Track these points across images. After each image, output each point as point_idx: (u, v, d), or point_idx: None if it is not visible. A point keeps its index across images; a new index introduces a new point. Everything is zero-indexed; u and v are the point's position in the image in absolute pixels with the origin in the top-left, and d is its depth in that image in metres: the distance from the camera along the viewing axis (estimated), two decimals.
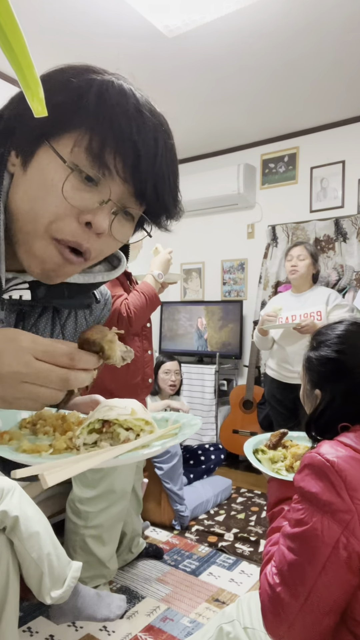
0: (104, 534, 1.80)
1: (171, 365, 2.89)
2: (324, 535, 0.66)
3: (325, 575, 0.66)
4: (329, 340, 0.89)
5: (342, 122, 3.43)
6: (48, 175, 0.51)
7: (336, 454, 0.70)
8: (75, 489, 1.80)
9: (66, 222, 0.51)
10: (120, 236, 0.56)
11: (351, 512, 0.65)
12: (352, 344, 0.87)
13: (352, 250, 3.32)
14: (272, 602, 0.70)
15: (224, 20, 2.31)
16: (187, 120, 3.48)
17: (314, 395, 0.89)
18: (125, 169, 0.51)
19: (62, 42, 2.50)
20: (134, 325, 1.69)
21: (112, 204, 0.53)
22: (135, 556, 2.11)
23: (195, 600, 1.88)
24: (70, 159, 0.50)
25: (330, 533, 0.66)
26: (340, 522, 0.65)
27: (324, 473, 0.69)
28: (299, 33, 2.42)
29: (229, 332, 3.80)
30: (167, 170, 0.56)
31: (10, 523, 1.42)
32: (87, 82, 0.51)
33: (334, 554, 0.65)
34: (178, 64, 2.71)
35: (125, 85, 0.54)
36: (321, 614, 0.67)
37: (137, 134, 0.51)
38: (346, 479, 0.67)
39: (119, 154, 0.51)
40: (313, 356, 0.91)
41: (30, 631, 1.66)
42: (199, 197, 3.85)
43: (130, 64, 2.71)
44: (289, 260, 2.80)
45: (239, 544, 2.34)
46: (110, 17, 2.29)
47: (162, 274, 1.84)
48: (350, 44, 2.51)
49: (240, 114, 3.36)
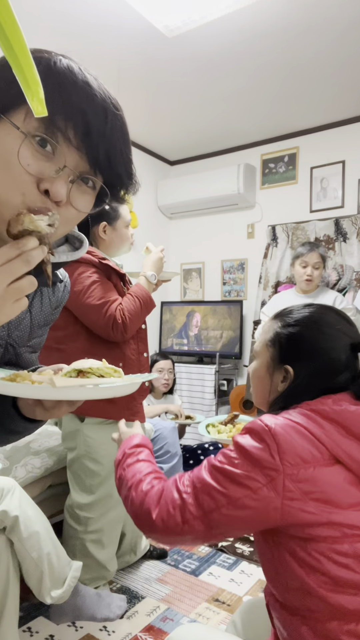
0: (103, 538, 1.78)
1: (164, 364, 2.92)
2: (249, 482, 0.75)
3: (233, 506, 0.75)
4: (305, 320, 0.94)
5: (342, 122, 3.43)
6: (7, 145, 0.53)
7: (275, 421, 0.79)
8: (74, 494, 1.79)
9: (28, 190, 0.53)
10: (80, 205, 0.58)
11: (279, 471, 0.74)
12: (327, 324, 0.93)
13: (352, 250, 3.33)
14: (173, 502, 0.80)
15: (224, 20, 2.31)
16: (187, 120, 3.48)
17: (282, 369, 0.93)
18: (77, 136, 0.54)
19: (62, 42, 2.50)
20: (129, 331, 1.65)
21: (69, 172, 0.55)
22: (138, 558, 2.10)
23: (195, 600, 1.88)
24: (24, 127, 0.52)
25: (254, 483, 0.75)
26: (267, 476, 0.75)
27: (261, 436, 0.78)
28: (299, 33, 2.42)
29: (229, 332, 3.80)
30: (118, 140, 0.58)
31: (10, 523, 1.42)
32: (36, 59, 0.54)
33: (250, 497, 0.74)
34: (178, 63, 2.71)
35: (73, 63, 0.57)
36: (210, 529, 0.78)
37: (86, 103, 0.54)
38: (279, 442, 0.76)
39: (70, 121, 0.53)
40: (287, 333, 0.95)
41: (30, 631, 1.66)
42: (199, 197, 3.85)
43: (130, 63, 2.71)
44: (303, 266, 2.77)
45: (239, 544, 2.34)
46: (110, 17, 2.29)
47: (155, 275, 1.79)
48: (350, 44, 2.51)
49: (240, 114, 3.36)
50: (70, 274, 1.63)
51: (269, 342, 0.98)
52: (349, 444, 0.77)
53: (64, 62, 0.55)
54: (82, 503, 1.76)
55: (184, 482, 0.83)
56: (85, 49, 2.56)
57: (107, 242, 1.83)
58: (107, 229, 1.80)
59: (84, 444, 1.73)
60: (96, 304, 1.61)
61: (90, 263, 1.66)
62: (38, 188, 0.53)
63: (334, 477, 0.76)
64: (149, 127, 3.59)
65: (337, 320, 0.95)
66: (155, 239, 4.18)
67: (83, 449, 1.74)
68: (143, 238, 3.57)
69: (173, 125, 3.57)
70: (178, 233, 4.36)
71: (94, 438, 1.72)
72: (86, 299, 1.61)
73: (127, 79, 2.87)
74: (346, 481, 0.76)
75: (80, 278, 1.63)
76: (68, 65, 0.55)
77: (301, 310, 0.98)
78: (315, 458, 0.76)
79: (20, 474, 1.85)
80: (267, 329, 1.00)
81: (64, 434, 1.81)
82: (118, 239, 1.83)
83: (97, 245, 1.83)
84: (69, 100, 0.54)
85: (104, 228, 1.80)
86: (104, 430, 1.72)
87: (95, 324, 1.63)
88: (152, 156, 4.10)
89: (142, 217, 3.91)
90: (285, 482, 0.74)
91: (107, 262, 1.70)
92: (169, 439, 2.52)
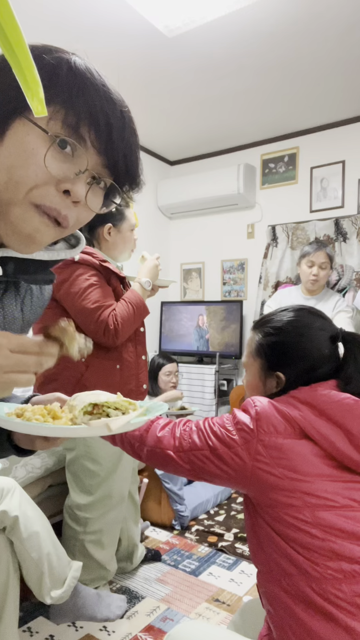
0: (103, 538, 1.78)
1: (171, 367, 2.93)
2: (229, 440, 0.90)
3: (213, 456, 0.91)
4: (283, 327, 1.02)
5: (342, 122, 3.43)
6: (28, 145, 0.53)
7: (261, 399, 0.94)
8: (73, 494, 1.78)
9: (46, 189, 0.54)
10: (93, 205, 0.60)
11: (253, 435, 0.88)
12: (305, 325, 1.01)
13: (352, 250, 3.33)
14: (174, 433, 0.98)
15: (224, 20, 2.31)
16: (187, 120, 3.48)
17: (274, 376, 1.00)
18: (99, 141, 0.56)
19: (62, 42, 2.47)
20: (120, 337, 1.64)
21: (88, 174, 0.56)
22: (134, 567, 2.08)
23: (195, 600, 1.88)
24: (48, 129, 0.53)
25: (233, 443, 0.89)
26: (243, 438, 0.89)
27: (247, 408, 0.93)
28: (299, 33, 2.42)
29: (229, 332, 3.80)
30: (134, 142, 0.60)
31: (10, 523, 1.42)
32: (57, 60, 0.55)
33: (227, 453, 0.89)
34: (178, 63, 2.71)
35: (87, 62, 0.58)
36: (188, 463, 0.94)
37: (108, 108, 0.56)
38: (258, 412, 0.90)
39: (93, 126, 0.55)
40: (270, 342, 1.02)
41: (30, 631, 1.66)
42: (199, 197, 3.85)
43: (130, 63, 2.71)
44: (309, 265, 2.72)
45: (239, 544, 2.34)
46: (110, 17, 2.29)
47: (150, 281, 1.78)
48: (350, 44, 2.51)
49: (240, 113, 3.36)
50: (69, 275, 1.63)
51: (254, 353, 1.05)
52: (321, 422, 0.87)
53: (81, 63, 0.56)
54: (81, 504, 1.76)
55: (187, 424, 0.99)
56: (85, 48, 2.55)
57: (111, 244, 1.82)
58: (112, 230, 1.80)
59: (84, 444, 1.73)
60: (90, 307, 1.60)
61: (91, 265, 1.66)
62: (56, 188, 0.54)
63: (302, 448, 0.86)
64: (149, 127, 3.59)
65: (313, 320, 1.02)
66: (155, 239, 4.18)
67: (82, 449, 1.73)
68: (143, 238, 3.57)
69: (173, 125, 3.57)
70: (178, 233, 4.36)
71: (93, 438, 1.72)
72: (81, 302, 1.61)
73: (127, 79, 2.87)
74: (312, 453, 0.86)
75: (78, 280, 1.63)
76: (86, 68, 0.56)
77: (277, 317, 1.05)
78: (287, 431, 0.88)
79: (20, 474, 1.85)
80: (250, 341, 1.08)
81: None
82: (122, 241, 1.83)
83: (100, 246, 1.83)
84: (94, 106, 0.54)
85: (109, 230, 1.79)
86: None
87: (86, 328, 1.62)
88: (152, 156, 4.10)
89: (142, 217, 3.91)
90: (257, 446, 0.87)
91: (108, 264, 1.70)
92: None
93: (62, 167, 0.54)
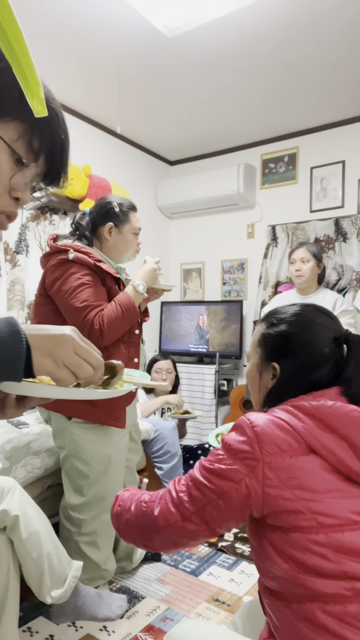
0: (98, 540, 1.77)
1: (163, 364, 2.92)
2: (232, 474, 0.82)
3: (222, 500, 0.83)
4: (287, 318, 1.01)
5: (342, 122, 3.43)
6: None
7: (257, 416, 0.87)
8: (67, 494, 1.78)
9: (4, 197, 0.62)
10: (27, 203, 0.70)
11: (258, 460, 0.81)
12: (307, 319, 0.99)
13: (352, 250, 3.33)
14: (172, 500, 0.88)
15: (224, 20, 2.31)
16: (187, 121, 3.48)
17: (270, 367, 0.99)
18: (49, 162, 0.64)
19: (62, 42, 2.50)
20: (106, 338, 1.62)
21: (31, 183, 0.66)
22: (134, 567, 2.08)
23: (195, 600, 1.88)
24: (9, 140, 0.58)
25: (238, 474, 0.82)
26: (248, 466, 0.82)
27: (243, 429, 0.86)
28: (299, 33, 2.42)
29: (229, 332, 3.80)
30: (68, 155, 0.69)
31: (11, 522, 1.42)
32: None
33: (235, 488, 0.82)
34: (178, 63, 2.71)
35: (47, 87, 0.63)
36: (207, 523, 0.85)
37: (64, 134, 0.64)
38: (258, 433, 0.83)
39: (49, 151, 0.63)
40: (272, 332, 1.01)
41: (30, 631, 1.66)
42: (199, 197, 3.85)
43: (130, 63, 2.71)
44: (292, 263, 2.79)
45: (239, 544, 2.34)
46: (110, 17, 2.29)
47: (144, 285, 1.76)
48: (351, 44, 2.51)
49: (240, 114, 3.36)
50: (62, 273, 1.64)
51: (257, 343, 1.04)
52: (326, 436, 0.83)
53: (47, 91, 0.61)
54: (74, 504, 1.75)
55: (181, 482, 0.90)
56: (85, 48, 2.56)
57: (111, 244, 1.82)
58: (113, 230, 1.80)
59: (72, 443, 1.73)
60: (78, 306, 1.60)
61: (85, 264, 1.65)
62: (9, 195, 0.62)
63: (310, 464, 0.82)
64: (149, 127, 3.59)
65: (318, 315, 1.00)
66: (155, 239, 4.18)
67: (72, 447, 1.73)
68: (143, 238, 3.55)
69: (173, 125, 3.57)
70: (178, 233, 4.36)
71: (81, 437, 1.72)
72: (70, 300, 1.61)
73: (127, 78, 2.87)
74: (321, 468, 0.82)
75: (70, 278, 1.63)
76: (52, 96, 0.61)
77: (284, 310, 1.04)
78: (292, 448, 0.82)
79: (20, 474, 1.85)
80: (255, 331, 1.07)
81: (54, 431, 1.81)
82: (122, 242, 1.83)
83: (101, 245, 1.83)
84: (55, 136, 0.62)
85: (109, 229, 1.79)
86: (90, 431, 1.72)
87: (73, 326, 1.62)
88: (152, 156, 4.10)
89: (142, 217, 3.90)
90: (264, 470, 0.81)
91: (103, 264, 1.69)
92: (169, 439, 2.52)
93: (17, 177, 0.61)
